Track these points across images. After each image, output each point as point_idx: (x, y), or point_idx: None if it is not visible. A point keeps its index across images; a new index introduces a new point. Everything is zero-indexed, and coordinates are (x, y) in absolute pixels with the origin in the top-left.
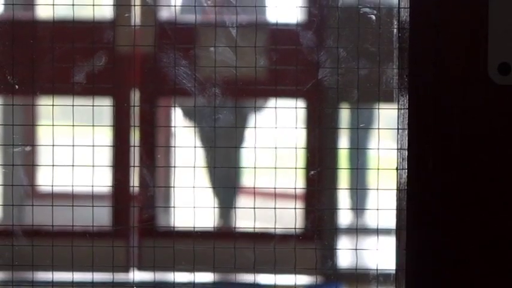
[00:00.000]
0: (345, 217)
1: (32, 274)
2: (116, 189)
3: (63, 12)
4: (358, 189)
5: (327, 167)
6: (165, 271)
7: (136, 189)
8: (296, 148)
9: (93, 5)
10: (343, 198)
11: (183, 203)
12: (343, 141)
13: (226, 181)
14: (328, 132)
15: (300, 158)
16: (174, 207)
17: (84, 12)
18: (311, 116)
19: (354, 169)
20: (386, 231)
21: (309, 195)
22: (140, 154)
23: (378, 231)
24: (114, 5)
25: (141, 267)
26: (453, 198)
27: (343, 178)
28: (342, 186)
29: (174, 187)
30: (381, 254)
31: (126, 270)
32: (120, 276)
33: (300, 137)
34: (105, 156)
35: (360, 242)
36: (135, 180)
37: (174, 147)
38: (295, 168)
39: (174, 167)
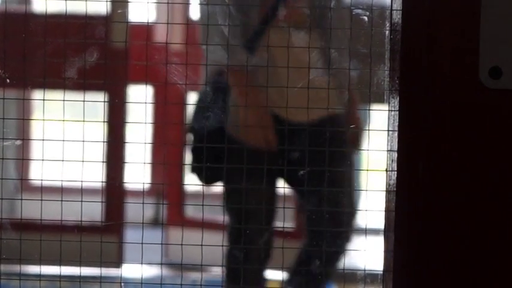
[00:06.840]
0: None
1: (20, 267)
2: (107, 184)
3: (56, 6)
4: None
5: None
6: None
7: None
8: (286, 148)
9: (86, 0)
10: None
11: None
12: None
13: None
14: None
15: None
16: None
17: (78, 7)
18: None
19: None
20: (374, 232)
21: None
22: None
23: (366, 232)
24: (108, 1)
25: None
26: (442, 201)
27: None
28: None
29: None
30: (369, 255)
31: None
32: (109, 272)
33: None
34: (97, 151)
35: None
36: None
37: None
38: (285, 168)
39: (164, 163)
